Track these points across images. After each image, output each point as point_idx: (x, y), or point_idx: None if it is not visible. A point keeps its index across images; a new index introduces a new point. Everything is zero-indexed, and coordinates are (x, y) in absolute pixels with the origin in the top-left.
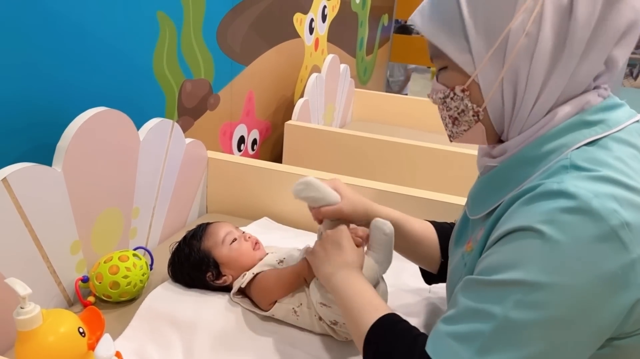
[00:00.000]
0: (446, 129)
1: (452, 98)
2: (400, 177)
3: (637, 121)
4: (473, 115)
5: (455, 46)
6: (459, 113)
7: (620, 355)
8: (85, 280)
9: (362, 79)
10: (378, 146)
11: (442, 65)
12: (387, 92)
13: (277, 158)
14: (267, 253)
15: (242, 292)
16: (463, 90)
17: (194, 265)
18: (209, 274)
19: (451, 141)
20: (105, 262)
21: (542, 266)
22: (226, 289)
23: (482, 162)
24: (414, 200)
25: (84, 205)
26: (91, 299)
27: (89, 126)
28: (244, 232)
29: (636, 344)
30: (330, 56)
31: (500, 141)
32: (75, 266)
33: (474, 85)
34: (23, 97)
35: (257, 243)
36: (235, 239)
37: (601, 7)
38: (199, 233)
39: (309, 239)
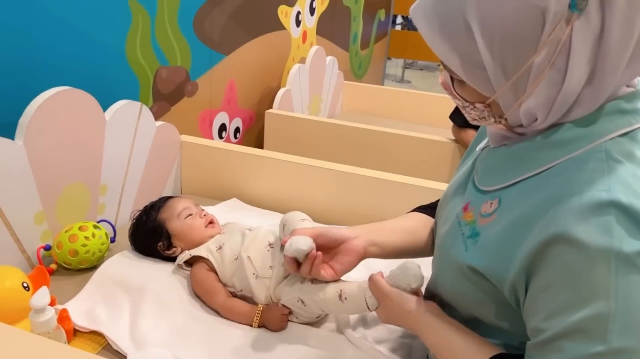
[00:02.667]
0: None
1: (472, 109)
2: (377, 162)
3: None
4: (495, 121)
5: (470, 72)
6: (480, 118)
7: None
8: (47, 248)
9: (356, 73)
10: (356, 134)
11: (457, 78)
12: None
13: (261, 146)
14: (221, 232)
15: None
16: (484, 106)
17: (148, 233)
18: (160, 244)
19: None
20: (66, 231)
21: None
22: (176, 259)
23: (497, 133)
24: (391, 185)
25: (48, 178)
26: (53, 266)
27: (52, 104)
28: (202, 210)
29: None
30: (315, 47)
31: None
32: (39, 236)
33: (494, 102)
34: None
35: (211, 222)
36: (190, 214)
37: None
38: (158, 204)
39: (270, 218)
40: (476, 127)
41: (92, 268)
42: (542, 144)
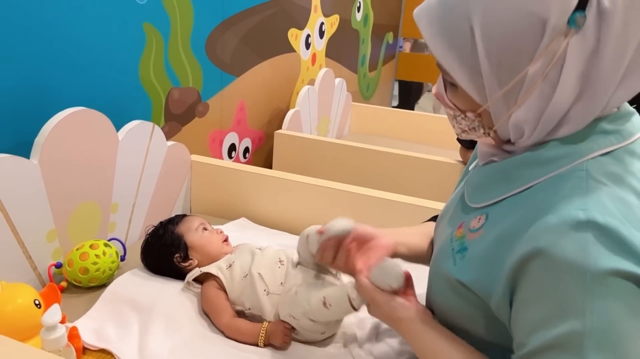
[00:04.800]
0: (454, 129)
1: (463, 118)
2: (385, 183)
3: None
4: (484, 133)
5: (466, 77)
6: (470, 129)
7: None
8: (58, 266)
9: (364, 95)
10: (364, 154)
11: (452, 81)
12: None
13: (270, 166)
14: (233, 252)
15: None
16: (475, 115)
17: (166, 244)
18: (177, 255)
19: (459, 138)
20: (77, 249)
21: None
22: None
23: (486, 151)
24: (398, 206)
25: (61, 197)
26: (64, 284)
27: (67, 123)
28: (218, 229)
29: None
30: (324, 70)
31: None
32: (51, 253)
33: (485, 112)
34: (6, 93)
35: (226, 240)
36: (206, 229)
37: (637, 45)
38: (175, 219)
39: (279, 238)
40: None
41: (102, 286)
42: (527, 161)
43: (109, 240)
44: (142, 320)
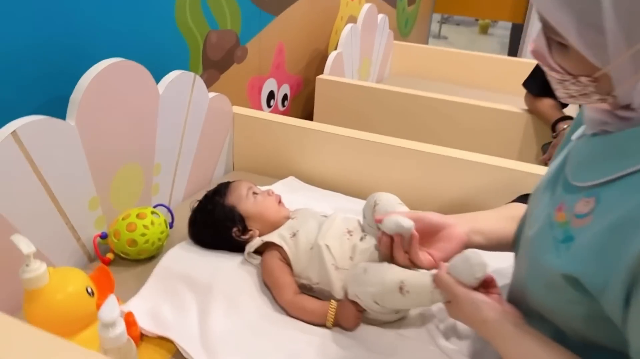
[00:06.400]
0: (556, 92)
1: (573, 83)
2: (440, 136)
3: None
4: (599, 99)
5: (584, 36)
6: (581, 94)
7: None
8: (104, 236)
9: (402, 31)
10: (417, 102)
11: (561, 41)
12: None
13: (309, 114)
14: (290, 217)
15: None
16: (590, 79)
17: (219, 220)
18: (235, 229)
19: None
20: (123, 219)
21: None
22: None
23: (596, 118)
24: (453, 162)
25: (101, 160)
26: (110, 256)
27: (103, 78)
28: (268, 190)
29: None
30: (367, 5)
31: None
32: (94, 222)
33: (604, 76)
34: (36, 46)
35: (280, 201)
36: (256, 194)
37: None
38: (221, 190)
39: (334, 200)
40: (553, 96)
41: (151, 257)
42: None
43: (155, 207)
44: (200, 301)
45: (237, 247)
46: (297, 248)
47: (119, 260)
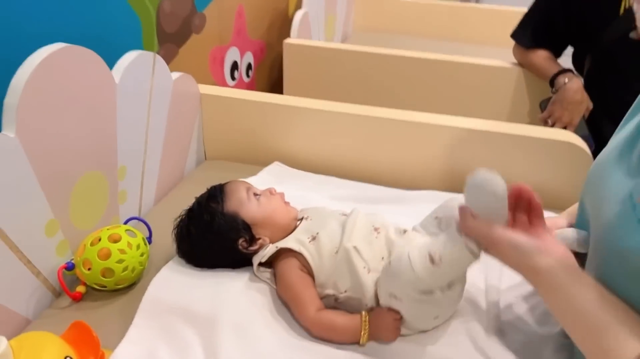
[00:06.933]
0: None
1: None
2: (423, 97)
3: None
4: None
5: None
6: None
7: None
8: (70, 267)
9: None
10: (401, 64)
11: None
12: None
13: (276, 84)
14: (300, 217)
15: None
16: None
17: (221, 231)
18: (242, 240)
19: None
20: (92, 245)
21: None
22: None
23: None
24: (439, 130)
25: (54, 174)
26: (81, 289)
27: (44, 72)
28: (269, 189)
29: None
30: None
31: None
32: (55, 250)
33: None
34: None
35: (285, 200)
36: (257, 194)
37: None
38: (216, 194)
39: (331, 187)
40: (548, 47)
41: (132, 284)
42: None
43: (127, 222)
44: (204, 336)
45: (239, 262)
46: (320, 253)
47: (92, 293)
